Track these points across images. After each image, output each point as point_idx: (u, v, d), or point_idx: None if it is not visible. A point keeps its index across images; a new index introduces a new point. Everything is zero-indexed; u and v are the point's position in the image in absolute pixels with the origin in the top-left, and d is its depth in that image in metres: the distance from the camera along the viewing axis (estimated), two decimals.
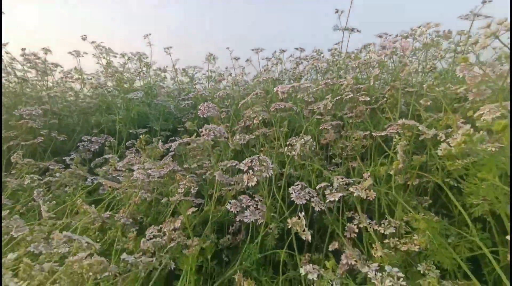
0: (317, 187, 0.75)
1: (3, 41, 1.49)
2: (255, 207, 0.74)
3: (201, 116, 1.16)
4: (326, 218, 0.82)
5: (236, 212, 0.73)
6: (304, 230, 0.67)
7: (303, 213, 0.68)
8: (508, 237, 0.54)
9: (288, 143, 1.00)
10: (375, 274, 0.53)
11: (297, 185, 0.76)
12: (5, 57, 1.52)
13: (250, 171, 0.65)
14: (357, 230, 0.74)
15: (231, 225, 0.93)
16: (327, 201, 0.68)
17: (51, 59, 1.61)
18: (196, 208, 0.91)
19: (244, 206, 0.74)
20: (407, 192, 0.76)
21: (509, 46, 0.61)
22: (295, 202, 0.72)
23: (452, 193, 0.82)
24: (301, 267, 0.64)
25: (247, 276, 0.72)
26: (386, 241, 0.69)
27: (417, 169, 0.70)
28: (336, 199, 0.67)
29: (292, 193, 0.73)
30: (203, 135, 0.79)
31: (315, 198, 0.73)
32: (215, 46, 1.69)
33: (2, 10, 1.35)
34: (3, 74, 1.55)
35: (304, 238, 0.67)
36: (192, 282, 0.67)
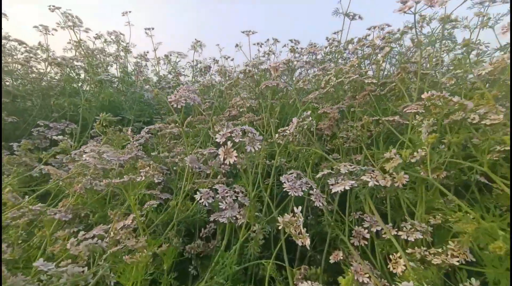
0: (318, 176, 0.56)
1: None
2: (234, 199, 0.54)
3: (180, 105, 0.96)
4: (325, 220, 0.62)
5: (207, 205, 0.52)
6: (300, 232, 0.48)
7: (300, 208, 0.48)
8: None
9: (280, 130, 0.81)
10: None
11: (291, 173, 0.57)
12: None
13: (229, 143, 0.46)
14: (368, 236, 0.55)
15: (204, 227, 0.72)
16: (332, 192, 0.49)
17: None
18: (158, 203, 0.69)
19: (220, 198, 0.53)
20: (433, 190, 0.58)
21: None
22: (289, 194, 0.52)
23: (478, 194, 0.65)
24: (295, 284, 0.44)
25: None
26: (409, 251, 0.50)
27: (451, 152, 0.52)
28: (347, 188, 0.47)
29: (284, 182, 0.54)
30: (170, 101, 0.59)
31: (314, 190, 0.54)
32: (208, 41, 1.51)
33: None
34: None
35: (301, 244, 0.47)
36: None
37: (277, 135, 0.80)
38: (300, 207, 0.48)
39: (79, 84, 1.44)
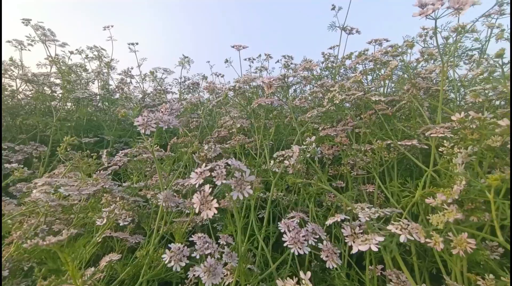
0: (329, 223, 0.42)
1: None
2: (218, 258, 0.39)
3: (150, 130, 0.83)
4: (337, 277, 0.48)
5: (178, 270, 0.37)
6: None
7: (308, 274, 0.33)
8: None
9: (275, 155, 0.68)
10: None
11: (293, 217, 0.43)
12: None
13: (207, 187, 0.32)
14: None
15: (182, 282, 0.56)
16: (353, 252, 0.35)
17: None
18: (120, 254, 0.53)
19: (197, 257, 0.38)
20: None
21: None
22: (291, 251, 0.37)
23: None
24: None
25: None
26: None
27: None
28: (375, 249, 0.33)
29: (284, 232, 0.40)
30: (138, 124, 0.46)
31: (325, 243, 0.39)
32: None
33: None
34: None
35: None
36: None
37: (272, 162, 0.67)
38: (308, 273, 0.34)
39: (54, 103, 1.29)
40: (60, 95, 1.29)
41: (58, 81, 1.28)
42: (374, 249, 0.33)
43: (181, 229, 0.51)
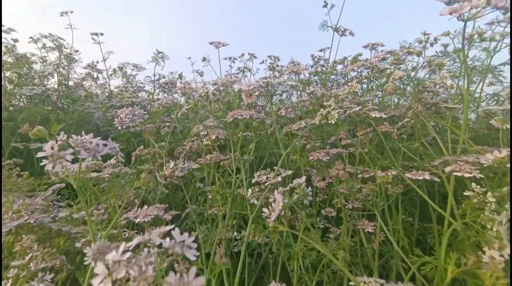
0: None
1: None
2: None
3: (121, 127, 0.67)
4: None
5: None
6: None
7: None
8: None
9: (255, 179, 0.54)
10: None
11: None
12: None
13: None
14: None
15: None
16: None
17: None
18: None
19: None
20: None
21: None
22: None
23: None
24: None
25: None
26: None
27: None
28: None
29: None
30: (43, 155, 0.30)
31: None
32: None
33: None
34: None
35: None
36: None
37: (250, 190, 0.53)
38: None
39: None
40: (11, 91, 1.08)
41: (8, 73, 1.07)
42: None
43: None
